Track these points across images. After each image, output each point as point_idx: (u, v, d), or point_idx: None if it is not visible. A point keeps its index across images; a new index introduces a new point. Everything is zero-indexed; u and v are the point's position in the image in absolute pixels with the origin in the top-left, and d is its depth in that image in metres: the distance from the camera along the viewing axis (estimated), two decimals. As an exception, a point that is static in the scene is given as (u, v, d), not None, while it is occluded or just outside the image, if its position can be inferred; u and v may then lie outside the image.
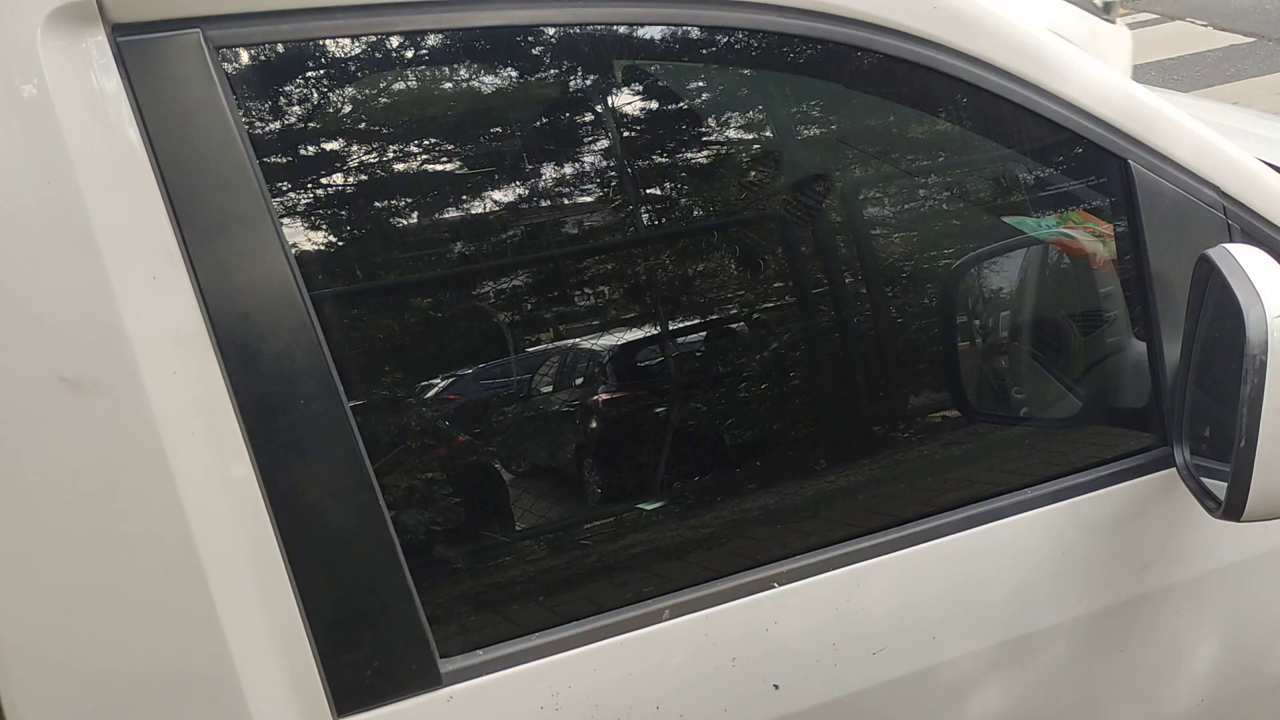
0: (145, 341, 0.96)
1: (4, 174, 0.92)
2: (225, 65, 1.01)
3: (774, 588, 1.23)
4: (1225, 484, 1.26)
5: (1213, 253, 1.28)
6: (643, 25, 1.20)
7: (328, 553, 1.05)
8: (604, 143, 1.29)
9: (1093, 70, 1.37)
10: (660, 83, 1.30)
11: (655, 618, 1.19)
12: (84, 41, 0.95)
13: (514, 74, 1.20)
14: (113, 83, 0.96)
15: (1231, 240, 1.39)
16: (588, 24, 1.18)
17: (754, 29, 1.23)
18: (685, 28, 1.21)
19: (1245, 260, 1.24)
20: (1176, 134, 1.39)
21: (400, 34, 1.11)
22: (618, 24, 1.19)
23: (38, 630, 0.96)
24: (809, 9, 1.22)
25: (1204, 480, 1.32)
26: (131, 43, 0.97)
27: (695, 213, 1.37)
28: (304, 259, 1.06)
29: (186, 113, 0.99)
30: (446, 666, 1.10)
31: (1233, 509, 1.25)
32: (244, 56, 1.04)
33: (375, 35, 1.10)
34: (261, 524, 1.02)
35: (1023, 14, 1.34)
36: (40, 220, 0.93)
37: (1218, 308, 1.27)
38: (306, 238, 1.11)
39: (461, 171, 1.21)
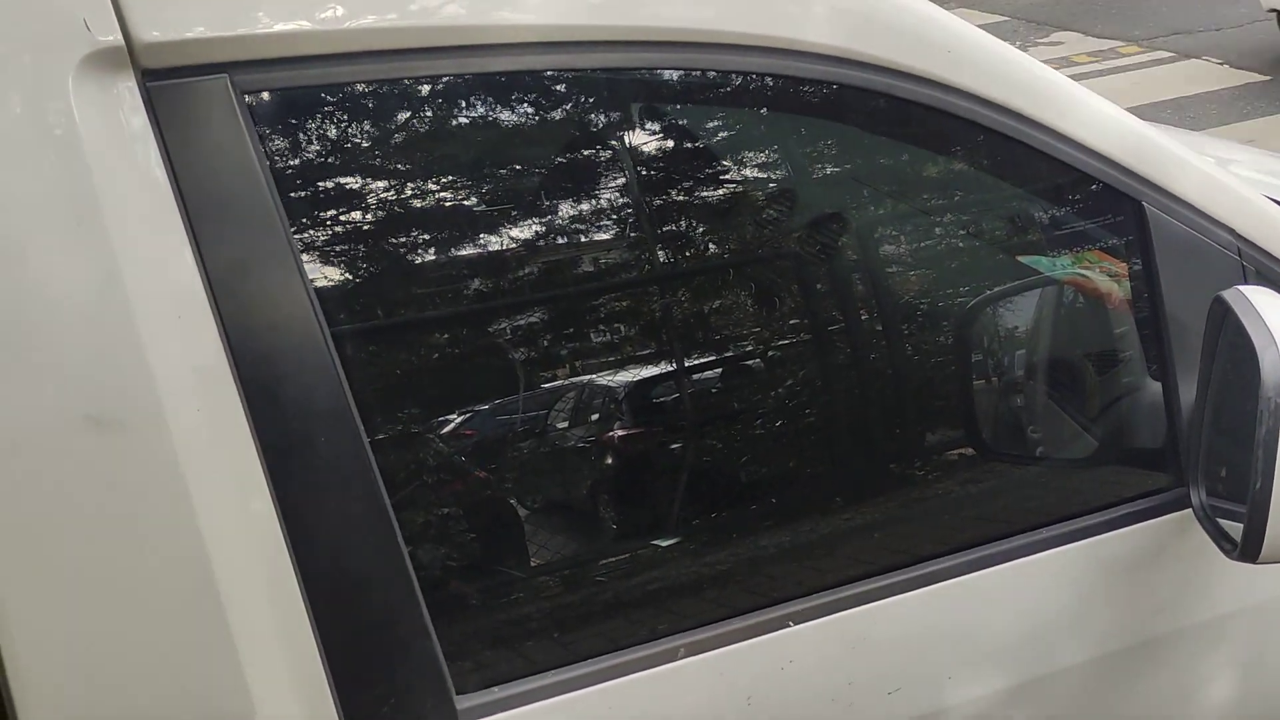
0: (169, 379, 0.97)
1: (34, 214, 0.94)
2: (251, 109, 1.03)
3: (789, 626, 1.23)
4: (1241, 525, 1.26)
5: (1227, 294, 1.29)
6: (659, 70, 1.22)
7: (346, 589, 1.06)
8: (621, 184, 1.30)
9: (1106, 112, 1.38)
10: (675, 126, 1.32)
11: (671, 656, 1.19)
12: (115, 86, 0.97)
13: (532, 117, 1.21)
14: (142, 126, 0.98)
15: (1246, 282, 1.39)
16: (605, 69, 1.20)
17: (769, 73, 1.24)
18: (701, 72, 1.23)
19: (1260, 302, 1.25)
20: (1190, 175, 1.40)
21: (422, 78, 1.13)
22: (635, 69, 1.21)
23: (58, 664, 0.96)
24: (825, 54, 1.23)
25: (1220, 521, 1.32)
26: (161, 87, 0.99)
27: (709, 252, 1.39)
28: (326, 298, 1.08)
29: (213, 155, 1.01)
30: (462, 703, 1.11)
31: (1249, 551, 1.24)
32: (270, 100, 1.06)
33: (397, 79, 1.12)
34: (281, 560, 1.02)
35: None
36: (68, 260, 0.95)
37: (1233, 349, 1.28)
38: (328, 277, 1.13)
39: (481, 212, 1.22)
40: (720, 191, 1.37)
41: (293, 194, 1.09)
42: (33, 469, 0.94)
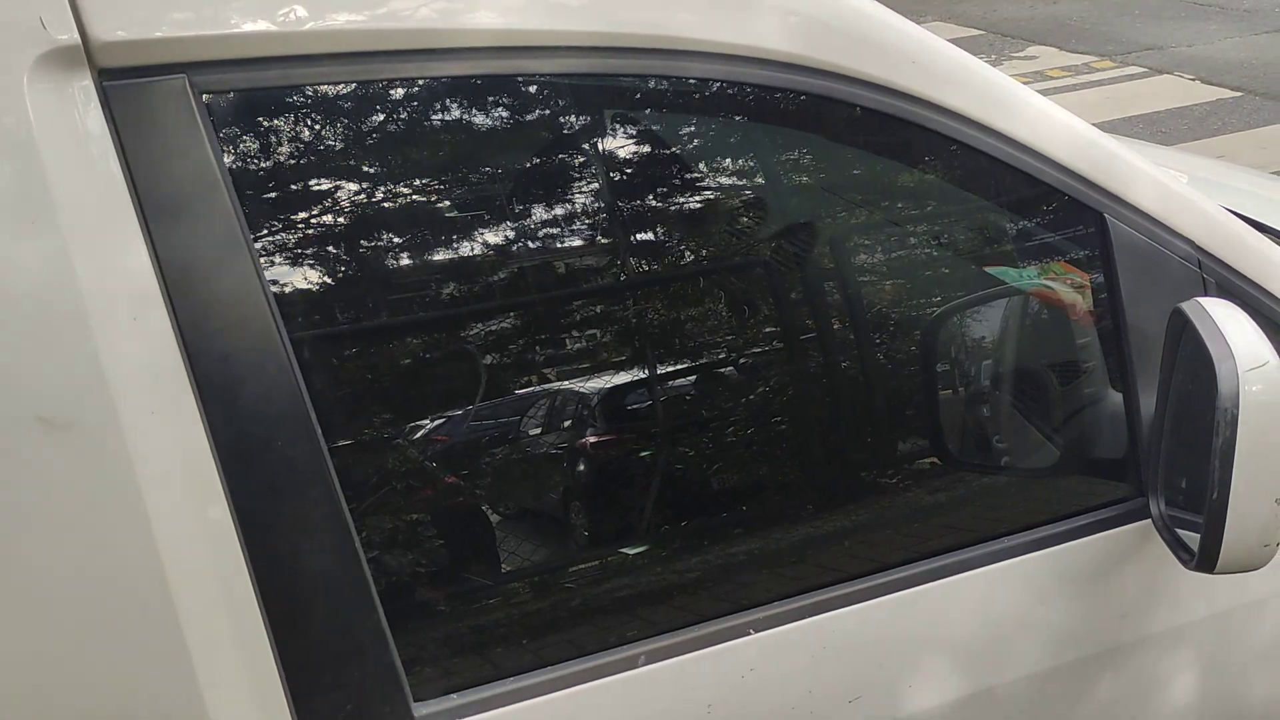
0: (124, 382, 0.96)
1: (-12, 214, 0.93)
2: (210, 110, 1.02)
3: (750, 634, 1.23)
4: (1199, 535, 1.27)
5: (1186, 306, 1.30)
6: (627, 77, 1.22)
7: (302, 595, 1.05)
8: (586, 192, 1.30)
9: (1068, 125, 1.39)
10: (641, 132, 1.32)
11: (632, 663, 1.18)
12: (71, 85, 0.97)
13: (497, 122, 1.21)
14: (98, 126, 0.97)
15: (1206, 294, 1.40)
16: (571, 75, 1.19)
17: (736, 81, 1.25)
18: (666, 79, 1.23)
19: (1218, 314, 1.26)
20: (1151, 188, 1.41)
21: (384, 81, 1.13)
22: (602, 75, 1.21)
23: (9, 670, 0.95)
24: (790, 62, 1.23)
25: (1178, 531, 1.33)
26: (118, 87, 0.99)
27: (677, 260, 1.39)
28: (284, 301, 1.07)
29: (170, 156, 1.00)
30: (420, 710, 1.10)
31: (1206, 561, 1.25)
32: (229, 102, 1.05)
33: (359, 82, 1.12)
34: (237, 565, 1.02)
35: None
36: (21, 259, 0.94)
37: (1191, 360, 1.29)
38: (287, 280, 1.12)
39: (443, 217, 1.22)
40: (683, 198, 1.37)
41: (250, 195, 1.08)
42: (-18, 471, 0.93)
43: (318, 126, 1.13)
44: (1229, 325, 1.24)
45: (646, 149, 1.33)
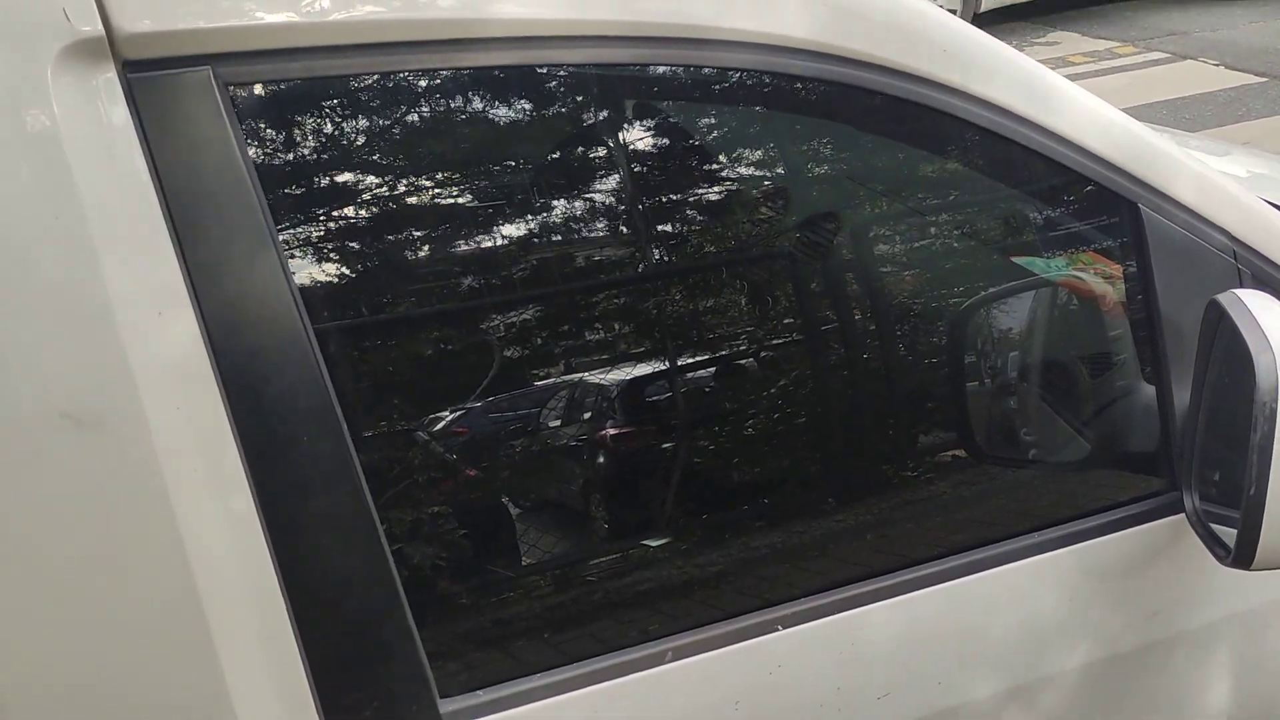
0: (149, 377, 0.96)
1: (11, 207, 0.93)
2: (234, 102, 1.02)
3: (778, 630, 1.22)
4: (1235, 531, 1.25)
5: (1222, 298, 1.28)
6: (651, 66, 1.21)
7: (328, 591, 1.04)
8: (611, 183, 1.29)
9: (1102, 113, 1.37)
10: (666, 123, 1.30)
11: (658, 659, 1.18)
12: (95, 77, 0.96)
13: (520, 113, 1.20)
14: (122, 118, 0.97)
15: (1241, 285, 1.38)
16: (596, 65, 1.18)
17: (765, 70, 1.23)
18: (693, 68, 1.21)
19: (1255, 306, 1.24)
20: (1186, 178, 1.39)
21: (409, 72, 1.12)
22: (626, 65, 1.19)
23: (36, 667, 0.95)
24: (820, 51, 1.22)
25: (1213, 527, 1.31)
26: (142, 79, 0.98)
27: (700, 251, 1.37)
28: (309, 295, 1.06)
29: (195, 149, 0.99)
30: (446, 707, 1.10)
31: (1242, 557, 1.24)
32: (253, 93, 1.04)
33: (383, 74, 1.10)
34: (262, 562, 1.01)
35: None
36: (46, 254, 0.93)
37: (1227, 353, 1.27)
38: (312, 274, 1.11)
39: (468, 209, 1.21)
40: (710, 189, 1.35)
41: (276, 188, 1.07)
42: (8, 469, 0.92)
43: (343, 118, 1.12)
44: (1267, 317, 1.22)
45: (672, 140, 1.32)
